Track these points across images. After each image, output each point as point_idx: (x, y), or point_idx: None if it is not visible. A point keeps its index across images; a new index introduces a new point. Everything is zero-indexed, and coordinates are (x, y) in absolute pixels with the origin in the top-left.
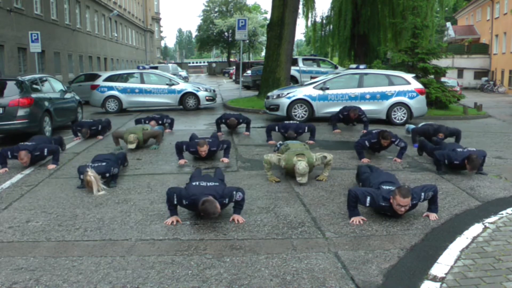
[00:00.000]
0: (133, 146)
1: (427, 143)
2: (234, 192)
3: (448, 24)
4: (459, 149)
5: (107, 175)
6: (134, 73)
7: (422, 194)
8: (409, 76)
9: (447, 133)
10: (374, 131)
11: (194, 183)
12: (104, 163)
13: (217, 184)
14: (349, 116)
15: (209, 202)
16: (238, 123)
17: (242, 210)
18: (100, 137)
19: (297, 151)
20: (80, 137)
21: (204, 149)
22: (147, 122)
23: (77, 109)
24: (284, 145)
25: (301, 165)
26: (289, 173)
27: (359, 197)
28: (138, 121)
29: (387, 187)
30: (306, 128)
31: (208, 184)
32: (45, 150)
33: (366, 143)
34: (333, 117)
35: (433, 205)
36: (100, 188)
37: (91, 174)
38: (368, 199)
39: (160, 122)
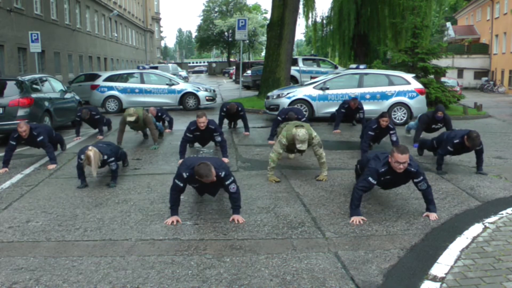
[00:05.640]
0: (132, 118)
1: (426, 140)
2: (232, 178)
3: (448, 24)
4: (456, 129)
5: (105, 157)
6: (134, 73)
7: (422, 175)
8: (409, 76)
9: (445, 113)
10: (373, 119)
11: (191, 156)
12: (105, 145)
13: (215, 157)
14: (349, 107)
15: (205, 164)
16: (237, 109)
17: (240, 209)
18: (100, 137)
19: (296, 123)
20: (79, 138)
21: (203, 120)
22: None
23: (77, 109)
24: (283, 124)
25: (301, 131)
26: (290, 148)
27: (365, 186)
28: None
29: (384, 153)
30: (304, 119)
31: (206, 157)
32: (41, 137)
33: (370, 133)
34: (337, 112)
35: (431, 205)
36: (97, 164)
37: (92, 149)
38: (371, 179)
39: (159, 114)
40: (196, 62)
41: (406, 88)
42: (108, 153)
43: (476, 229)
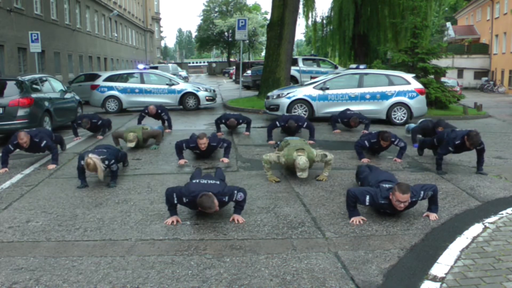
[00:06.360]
0: (132, 144)
1: (426, 139)
2: (235, 192)
3: (448, 24)
4: (457, 129)
5: (106, 162)
6: (134, 73)
7: (422, 192)
8: (409, 76)
9: (447, 127)
10: (373, 132)
11: (194, 181)
12: (105, 150)
13: (217, 182)
14: (349, 124)
15: (206, 196)
16: (238, 123)
17: (242, 211)
18: (100, 137)
19: (297, 146)
20: (79, 138)
21: (203, 142)
22: (146, 111)
23: (77, 109)
24: (283, 141)
25: (302, 159)
26: (289, 169)
27: (358, 196)
28: (140, 116)
29: (387, 185)
30: (306, 123)
31: (209, 182)
32: (44, 141)
33: (366, 143)
34: (333, 117)
35: (433, 205)
36: (102, 169)
37: (92, 156)
38: (368, 198)
39: (159, 111)
40: (196, 62)
41: (406, 88)
42: (108, 157)
43: (476, 229)
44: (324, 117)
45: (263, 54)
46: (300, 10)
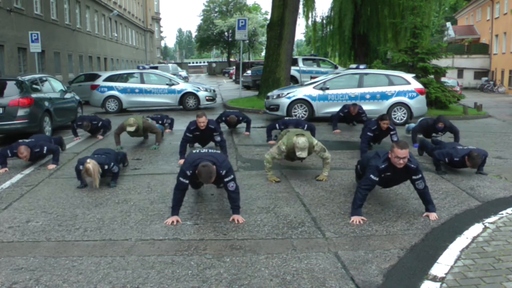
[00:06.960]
0: (132, 128)
1: (427, 143)
2: (232, 176)
3: (448, 24)
4: (459, 147)
5: (106, 167)
6: (134, 73)
7: (421, 174)
8: (409, 76)
9: (447, 123)
10: (372, 119)
11: (194, 151)
12: (104, 156)
13: (218, 152)
14: (349, 113)
15: (207, 167)
16: (238, 121)
17: (240, 210)
18: (100, 137)
19: (297, 132)
20: (79, 139)
21: (203, 120)
22: None
23: (77, 109)
24: (283, 131)
25: (301, 139)
26: (289, 155)
27: (367, 183)
28: None
29: (384, 151)
30: (306, 126)
31: (210, 151)
32: (45, 148)
33: (369, 134)
34: (334, 115)
35: (430, 205)
36: (98, 177)
37: (91, 162)
38: (372, 176)
39: (160, 122)
40: (196, 62)
41: (406, 88)
42: (107, 162)
43: (476, 229)
44: (324, 117)
45: (263, 54)
46: (300, 10)
